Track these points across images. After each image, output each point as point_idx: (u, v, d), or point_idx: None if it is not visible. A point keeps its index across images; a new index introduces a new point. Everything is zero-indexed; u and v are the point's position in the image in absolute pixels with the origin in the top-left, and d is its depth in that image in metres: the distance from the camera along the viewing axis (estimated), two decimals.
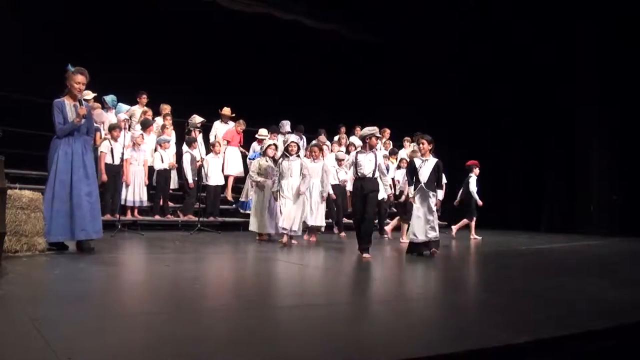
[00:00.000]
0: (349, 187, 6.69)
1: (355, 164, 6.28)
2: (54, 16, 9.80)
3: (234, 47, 12.17)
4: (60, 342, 2.24)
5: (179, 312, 3.06)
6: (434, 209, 6.36)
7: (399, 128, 11.80)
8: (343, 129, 11.27)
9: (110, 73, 8.66)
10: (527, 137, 13.04)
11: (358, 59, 13.79)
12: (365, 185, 6.18)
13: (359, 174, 6.24)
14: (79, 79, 5.52)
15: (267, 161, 7.97)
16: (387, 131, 11.50)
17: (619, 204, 11.53)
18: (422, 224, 6.29)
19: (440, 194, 6.41)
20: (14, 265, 4.46)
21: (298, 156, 7.52)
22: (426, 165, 6.41)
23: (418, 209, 6.35)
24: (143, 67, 10.37)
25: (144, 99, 10.00)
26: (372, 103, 13.13)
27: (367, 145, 6.31)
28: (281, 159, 7.54)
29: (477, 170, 9.81)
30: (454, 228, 9.96)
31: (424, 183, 6.35)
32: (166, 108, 10.15)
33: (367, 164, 6.23)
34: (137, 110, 9.93)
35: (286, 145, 7.52)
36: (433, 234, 6.29)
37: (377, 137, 6.42)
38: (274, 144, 8.20)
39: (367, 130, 6.36)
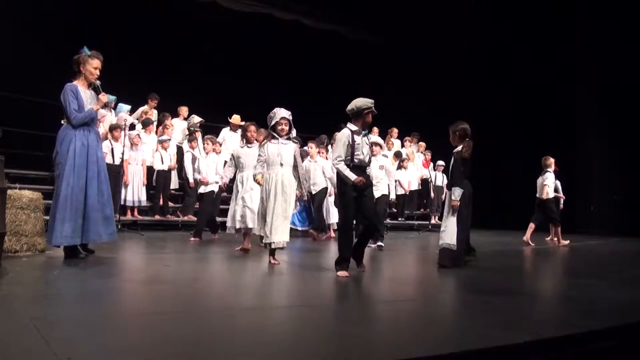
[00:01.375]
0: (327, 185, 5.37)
1: (352, 148, 4.67)
2: (55, 16, 9.82)
3: (234, 48, 12.18)
4: (60, 342, 2.24)
5: (179, 312, 3.06)
6: (450, 210, 5.33)
7: (400, 128, 11.81)
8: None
9: (110, 73, 8.66)
10: (528, 137, 13.04)
11: (358, 59, 13.79)
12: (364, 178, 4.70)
13: (356, 162, 4.69)
14: (96, 64, 5.11)
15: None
16: (395, 130, 11.48)
17: (619, 204, 11.54)
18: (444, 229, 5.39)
19: (458, 192, 5.26)
20: (14, 265, 4.45)
21: (289, 139, 5.39)
22: (453, 158, 5.46)
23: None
24: (142, 67, 10.37)
25: (154, 101, 10.01)
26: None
27: (362, 122, 4.74)
28: (265, 141, 5.44)
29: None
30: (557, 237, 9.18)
31: (449, 180, 5.50)
32: (183, 109, 10.20)
33: (365, 147, 4.78)
34: (146, 111, 9.98)
35: (274, 123, 5.32)
36: (444, 242, 5.33)
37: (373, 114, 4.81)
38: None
39: (365, 102, 4.73)
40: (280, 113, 5.32)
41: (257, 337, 2.56)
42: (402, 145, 11.92)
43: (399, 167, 11.18)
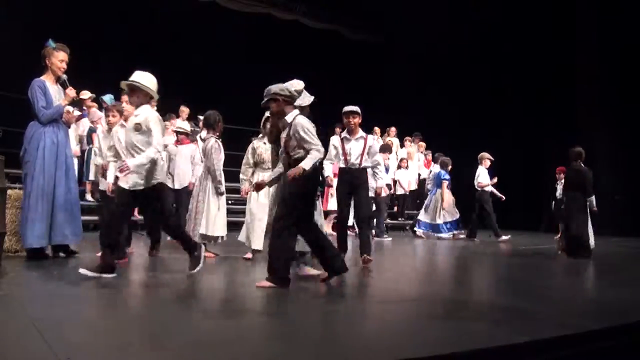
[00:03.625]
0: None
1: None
2: (55, 16, 9.81)
3: (234, 48, 12.17)
4: (60, 342, 2.24)
5: (179, 313, 3.06)
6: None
7: (400, 128, 11.79)
8: (338, 129, 11.26)
9: (109, 73, 8.66)
10: (529, 137, 13.02)
11: (358, 59, 13.78)
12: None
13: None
14: (62, 57, 4.89)
15: (265, 144, 5.50)
16: (393, 129, 11.50)
17: (620, 203, 11.52)
18: None
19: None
20: (14, 265, 4.45)
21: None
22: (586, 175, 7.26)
23: None
24: (141, 67, 10.32)
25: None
26: (372, 103, 13.12)
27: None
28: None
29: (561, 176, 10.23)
30: None
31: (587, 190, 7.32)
32: (184, 110, 10.19)
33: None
34: None
35: (306, 103, 4.78)
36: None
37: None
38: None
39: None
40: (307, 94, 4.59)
41: (257, 337, 2.56)
42: (402, 145, 11.91)
43: (399, 167, 11.17)
